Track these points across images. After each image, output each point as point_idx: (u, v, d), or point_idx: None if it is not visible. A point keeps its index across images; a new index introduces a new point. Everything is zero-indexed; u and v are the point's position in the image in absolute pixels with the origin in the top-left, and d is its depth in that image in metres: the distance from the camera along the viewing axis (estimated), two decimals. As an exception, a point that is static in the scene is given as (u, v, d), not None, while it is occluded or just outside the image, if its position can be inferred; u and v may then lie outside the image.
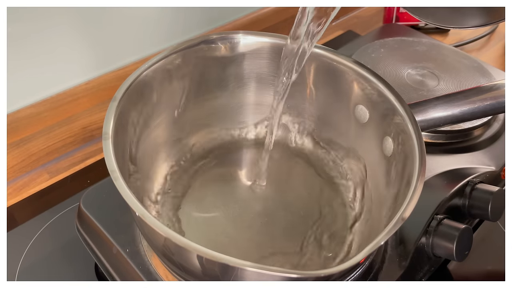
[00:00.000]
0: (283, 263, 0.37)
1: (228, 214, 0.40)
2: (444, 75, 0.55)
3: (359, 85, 0.41)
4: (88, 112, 0.56)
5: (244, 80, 0.46)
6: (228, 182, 0.43)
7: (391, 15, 0.74)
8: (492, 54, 0.73)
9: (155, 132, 0.43)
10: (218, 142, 0.46)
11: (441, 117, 0.38)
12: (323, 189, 0.43)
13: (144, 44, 0.58)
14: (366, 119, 0.42)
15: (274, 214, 0.41)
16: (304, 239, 0.39)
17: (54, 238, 0.46)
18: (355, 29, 0.77)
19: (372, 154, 0.42)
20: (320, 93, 0.45)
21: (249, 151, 0.46)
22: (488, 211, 0.41)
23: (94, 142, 0.57)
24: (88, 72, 0.54)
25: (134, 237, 0.38)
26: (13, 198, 0.51)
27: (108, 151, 0.32)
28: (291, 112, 0.47)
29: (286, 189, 0.43)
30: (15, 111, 0.50)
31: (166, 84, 0.42)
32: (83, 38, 0.52)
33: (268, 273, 0.26)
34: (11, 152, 0.51)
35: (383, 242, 0.28)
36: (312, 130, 0.47)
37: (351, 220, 0.40)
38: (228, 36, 0.43)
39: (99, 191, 0.42)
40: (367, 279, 0.37)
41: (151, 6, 0.55)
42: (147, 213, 0.28)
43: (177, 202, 0.41)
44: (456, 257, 0.38)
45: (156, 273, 0.36)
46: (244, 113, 0.47)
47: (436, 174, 0.44)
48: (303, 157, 0.46)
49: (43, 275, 0.43)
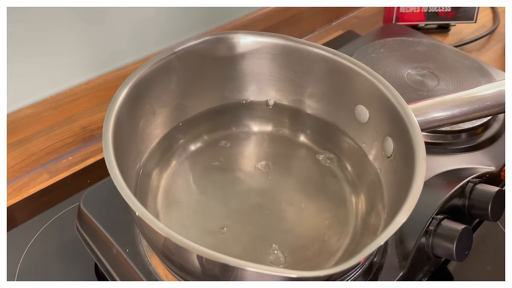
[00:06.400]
0: (284, 259, 0.37)
1: (229, 206, 0.40)
2: (444, 75, 0.55)
3: (359, 85, 0.41)
4: (88, 112, 0.56)
5: (244, 80, 0.46)
6: (228, 176, 0.43)
7: (391, 15, 0.74)
8: (492, 54, 0.73)
9: (155, 131, 0.43)
10: (217, 141, 0.46)
11: (441, 117, 0.38)
12: (323, 188, 0.43)
13: (144, 44, 0.58)
14: (366, 119, 0.42)
15: (275, 206, 0.40)
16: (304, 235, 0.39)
17: (54, 238, 0.46)
18: (355, 29, 0.77)
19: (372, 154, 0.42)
20: (321, 92, 0.45)
21: (249, 150, 0.46)
22: (488, 211, 0.41)
23: (94, 142, 0.57)
24: (88, 72, 0.54)
25: (134, 237, 0.38)
26: (13, 198, 0.51)
27: (108, 151, 0.32)
28: (291, 111, 0.47)
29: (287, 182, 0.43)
30: (15, 111, 0.50)
31: (165, 84, 0.42)
32: (83, 38, 0.52)
33: (268, 273, 0.26)
34: (11, 152, 0.51)
35: (383, 242, 0.28)
36: (312, 129, 0.47)
37: (354, 216, 0.40)
38: (228, 36, 0.43)
39: (99, 191, 0.42)
40: (367, 279, 0.37)
41: (151, 6, 0.55)
42: (147, 213, 0.28)
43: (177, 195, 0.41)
44: (456, 257, 0.38)
45: (156, 273, 0.36)
46: (244, 113, 0.47)
47: (436, 174, 0.44)
48: (303, 153, 0.46)
49: (43, 275, 0.43)
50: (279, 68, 0.45)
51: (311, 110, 0.47)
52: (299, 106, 0.47)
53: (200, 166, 0.44)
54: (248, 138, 0.47)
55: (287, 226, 0.39)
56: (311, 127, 0.47)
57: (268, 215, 0.39)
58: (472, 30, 0.77)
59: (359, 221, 0.40)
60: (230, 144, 0.46)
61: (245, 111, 0.48)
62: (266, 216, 0.39)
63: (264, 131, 0.47)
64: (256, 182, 0.42)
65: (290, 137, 0.47)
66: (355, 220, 0.40)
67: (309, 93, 0.46)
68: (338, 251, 0.37)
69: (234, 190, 0.42)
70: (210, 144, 0.46)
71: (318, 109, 0.46)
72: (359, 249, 0.34)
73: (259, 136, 0.47)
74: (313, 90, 0.45)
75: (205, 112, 0.46)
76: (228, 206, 0.40)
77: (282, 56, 0.44)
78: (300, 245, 0.38)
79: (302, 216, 0.40)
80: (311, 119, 0.47)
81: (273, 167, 0.44)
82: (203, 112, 0.46)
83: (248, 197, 0.41)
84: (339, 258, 0.37)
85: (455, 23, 0.75)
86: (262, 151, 0.46)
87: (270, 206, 0.40)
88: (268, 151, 0.46)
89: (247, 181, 0.43)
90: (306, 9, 0.73)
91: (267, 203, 0.40)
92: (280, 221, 0.39)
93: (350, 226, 0.39)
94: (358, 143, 0.43)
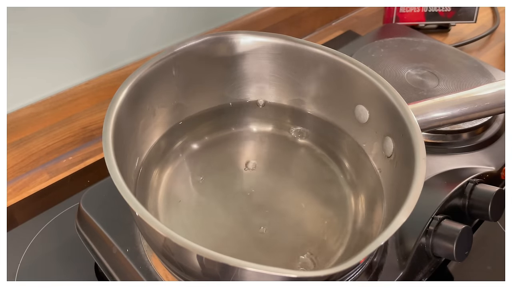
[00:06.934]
0: (284, 259, 0.37)
1: (228, 206, 0.40)
2: (444, 75, 0.55)
3: (359, 85, 0.41)
4: (88, 112, 0.56)
5: (244, 80, 0.46)
6: (228, 176, 0.43)
7: (391, 15, 0.74)
8: (492, 54, 0.73)
9: (155, 131, 0.43)
10: (217, 141, 0.46)
11: (441, 117, 0.38)
12: (323, 188, 0.43)
13: (144, 44, 0.58)
14: (366, 119, 0.42)
15: (275, 206, 0.40)
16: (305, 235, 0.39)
17: (54, 238, 0.46)
18: (355, 29, 0.77)
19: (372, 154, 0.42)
20: (321, 92, 0.45)
21: (249, 150, 0.46)
22: (488, 211, 0.41)
23: (94, 142, 0.57)
24: (88, 72, 0.54)
25: (134, 237, 0.38)
26: (13, 198, 0.51)
27: (108, 151, 0.32)
28: (291, 111, 0.47)
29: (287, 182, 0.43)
30: (15, 111, 0.50)
31: (165, 84, 0.42)
32: (83, 38, 0.52)
33: (268, 273, 0.26)
34: (11, 152, 0.51)
35: (383, 242, 0.28)
36: (312, 129, 0.47)
37: (353, 216, 0.40)
38: (228, 36, 0.43)
39: (99, 191, 0.42)
40: (367, 279, 0.37)
41: (151, 6, 0.55)
42: (147, 213, 0.28)
43: (177, 195, 0.41)
44: (456, 257, 0.38)
45: (156, 273, 0.36)
46: (244, 113, 0.47)
47: (436, 174, 0.44)
48: (303, 153, 0.46)
49: (43, 275, 0.43)
50: (279, 68, 0.45)
51: (311, 110, 0.47)
52: (299, 106, 0.47)
53: (200, 166, 0.44)
54: (248, 138, 0.47)
55: (287, 225, 0.39)
56: (311, 127, 0.47)
57: (268, 215, 0.40)
58: (472, 30, 0.77)
59: (359, 221, 0.40)
60: (230, 144, 0.46)
61: (245, 111, 0.48)
62: (266, 216, 0.39)
63: (264, 131, 0.47)
64: (256, 182, 0.42)
65: (290, 137, 0.47)
66: (355, 220, 0.40)
67: (309, 93, 0.46)
68: (338, 251, 0.37)
69: (234, 190, 0.42)
70: (210, 144, 0.46)
71: (318, 109, 0.46)
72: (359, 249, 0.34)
73: (259, 136, 0.47)
74: (313, 90, 0.45)
75: (205, 112, 0.46)
76: (228, 206, 0.40)
77: (282, 56, 0.44)
78: (300, 245, 0.38)
79: (302, 216, 0.40)
80: (311, 119, 0.47)
81: (273, 167, 0.44)
82: (203, 112, 0.46)
83: (248, 197, 0.41)
84: (339, 258, 0.37)
85: (455, 23, 0.75)
86: (262, 151, 0.46)
87: (270, 205, 0.40)
88: (268, 151, 0.46)
89: (247, 181, 0.43)
90: (306, 9, 0.73)
91: (267, 203, 0.40)
92: (280, 221, 0.39)
93: (349, 226, 0.39)
94: (358, 143, 0.43)
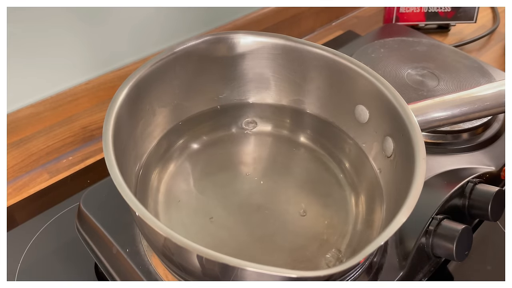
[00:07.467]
0: (284, 259, 0.37)
1: (229, 206, 0.40)
2: (444, 75, 0.55)
3: (359, 85, 0.41)
4: (88, 112, 0.56)
5: (244, 80, 0.46)
6: (228, 176, 0.43)
7: (391, 15, 0.74)
8: (492, 54, 0.73)
9: (155, 131, 0.43)
10: (217, 141, 0.46)
11: (441, 117, 0.38)
12: (323, 188, 0.43)
13: (144, 44, 0.58)
14: (366, 119, 0.42)
15: (275, 206, 0.40)
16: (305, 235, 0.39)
17: (54, 238, 0.46)
18: (355, 29, 0.77)
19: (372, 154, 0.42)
20: (321, 92, 0.45)
21: (249, 150, 0.46)
22: (488, 211, 0.41)
23: (94, 142, 0.57)
24: (88, 72, 0.54)
25: (134, 237, 0.38)
26: (13, 198, 0.51)
27: (108, 151, 0.32)
28: (291, 111, 0.47)
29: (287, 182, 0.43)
30: (15, 111, 0.50)
31: (165, 84, 0.42)
32: (83, 38, 0.52)
33: (268, 273, 0.26)
34: (11, 152, 0.51)
35: (383, 242, 0.28)
36: (312, 129, 0.47)
37: (353, 216, 0.40)
38: (228, 36, 0.43)
39: (99, 191, 0.42)
40: (367, 279, 0.37)
41: (150, 6, 0.55)
42: (147, 213, 0.28)
43: (177, 195, 0.41)
44: (456, 257, 0.38)
45: (156, 273, 0.36)
46: (244, 113, 0.47)
47: (436, 174, 0.44)
48: (303, 153, 0.46)
49: (43, 275, 0.43)
50: (279, 68, 0.45)
51: (311, 110, 0.47)
52: (299, 106, 0.47)
53: (200, 166, 0.44)
54: (248, 138, 0.47)
55: (286, 225, 0.39)
56: (311, 127, 0.47)
57: (268, 215, 0.40)
58: (472, 30, 0.77)
59: (359, 221, 0.40)
60: (230, 144, 0.46)
61: (245, 111, 0.48)
62: (266, 216, 0.39)
63: (264, 131, 0.47)
64: (256, 182, 0.42)
65: (290, 137, 0.47)
66: (355, 220, 0.40)
67: (309, 93, 0.46)
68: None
69: (234, 189, 0.42)
70: (210, 144, 0.46)
71: (318, 109, 0.46)
72: (359, 249, 0.34)
73: (259, 136, 0.47)
74: (313, 90, 0.45)
75: (205, 112, 0.46)
76: (228, 206, 0.40)
77: (282, 56, 0.44)
78: (300, 245, 0.38)
79: (302, 216, 0.40)
80: (311, 119, 0.47)
81: (273, 167, 0.44)
82: (203, 112, 0.46)
83: (248, 196, 0.41)
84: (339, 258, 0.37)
85: (455, 23, 0.75)
86: (262, 151, 0.46)
87: (270, 206, 0.40)
88: (268, 151, 0.46)
89: (247, 180, 0.43)
90: (306, 9, 0.73)
91: (267, 203, 0.40)
92: (280, 221, 0.39)
93: (349, 226, 0.39)
94: (358, 143, 0.43)
